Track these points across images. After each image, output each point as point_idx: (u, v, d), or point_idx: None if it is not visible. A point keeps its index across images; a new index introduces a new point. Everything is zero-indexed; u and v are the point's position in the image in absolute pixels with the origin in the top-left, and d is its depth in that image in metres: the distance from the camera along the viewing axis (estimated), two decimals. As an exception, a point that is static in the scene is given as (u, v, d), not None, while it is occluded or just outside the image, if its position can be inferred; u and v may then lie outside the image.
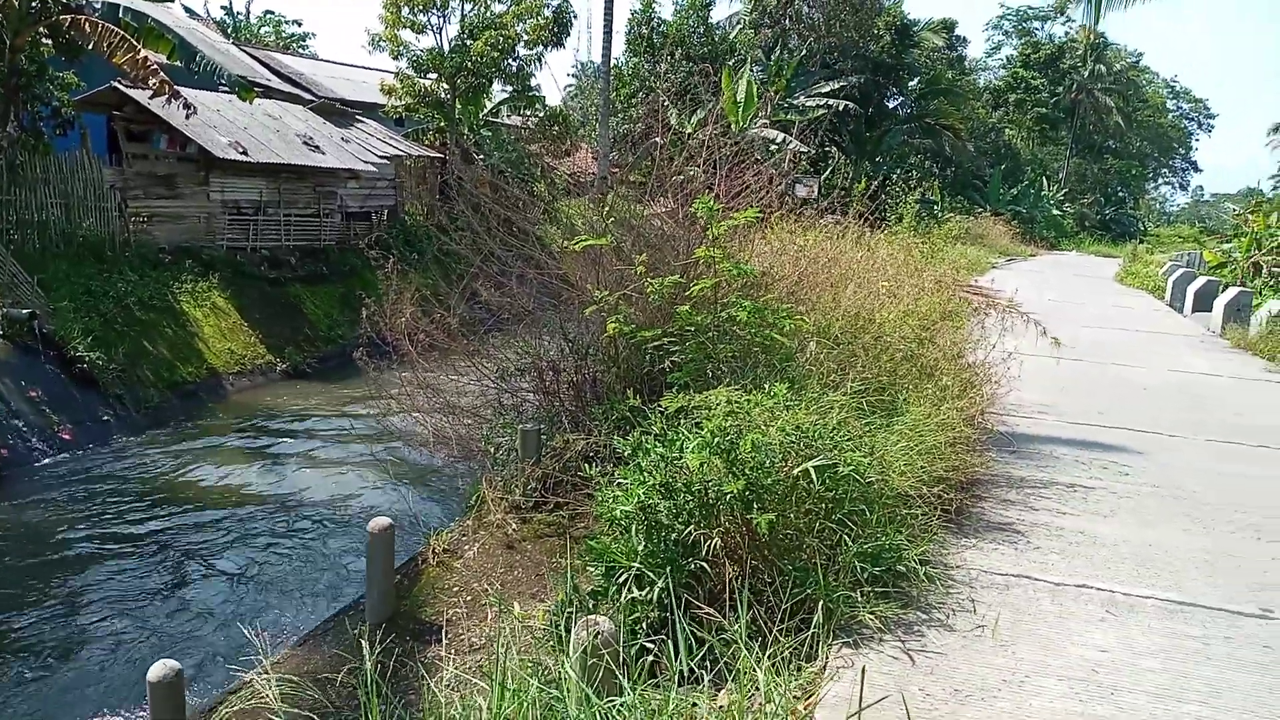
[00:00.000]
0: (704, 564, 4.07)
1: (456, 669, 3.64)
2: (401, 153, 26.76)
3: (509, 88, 30.19)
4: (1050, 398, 9.11)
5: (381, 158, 25.26)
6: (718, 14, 40.77)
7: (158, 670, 4.21)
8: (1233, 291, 16.12)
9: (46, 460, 12.34)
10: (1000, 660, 3.91)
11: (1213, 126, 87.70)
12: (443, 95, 28.37)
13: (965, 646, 4.02)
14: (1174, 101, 77.57)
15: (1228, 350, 13.60)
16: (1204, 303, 17.85)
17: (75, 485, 11.60)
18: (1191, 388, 10.42)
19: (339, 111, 27.19)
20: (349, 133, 25.98)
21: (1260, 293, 17.80)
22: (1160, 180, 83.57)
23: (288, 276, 20.70)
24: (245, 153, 20.26)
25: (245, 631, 7.40)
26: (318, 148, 23.10)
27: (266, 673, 3.50)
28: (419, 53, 28.13)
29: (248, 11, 52.06)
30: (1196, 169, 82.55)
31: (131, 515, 10.68)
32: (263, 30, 52.27)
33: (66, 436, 12.94)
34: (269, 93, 25.73)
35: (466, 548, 6.47)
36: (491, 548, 6.38)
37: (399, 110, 28.95)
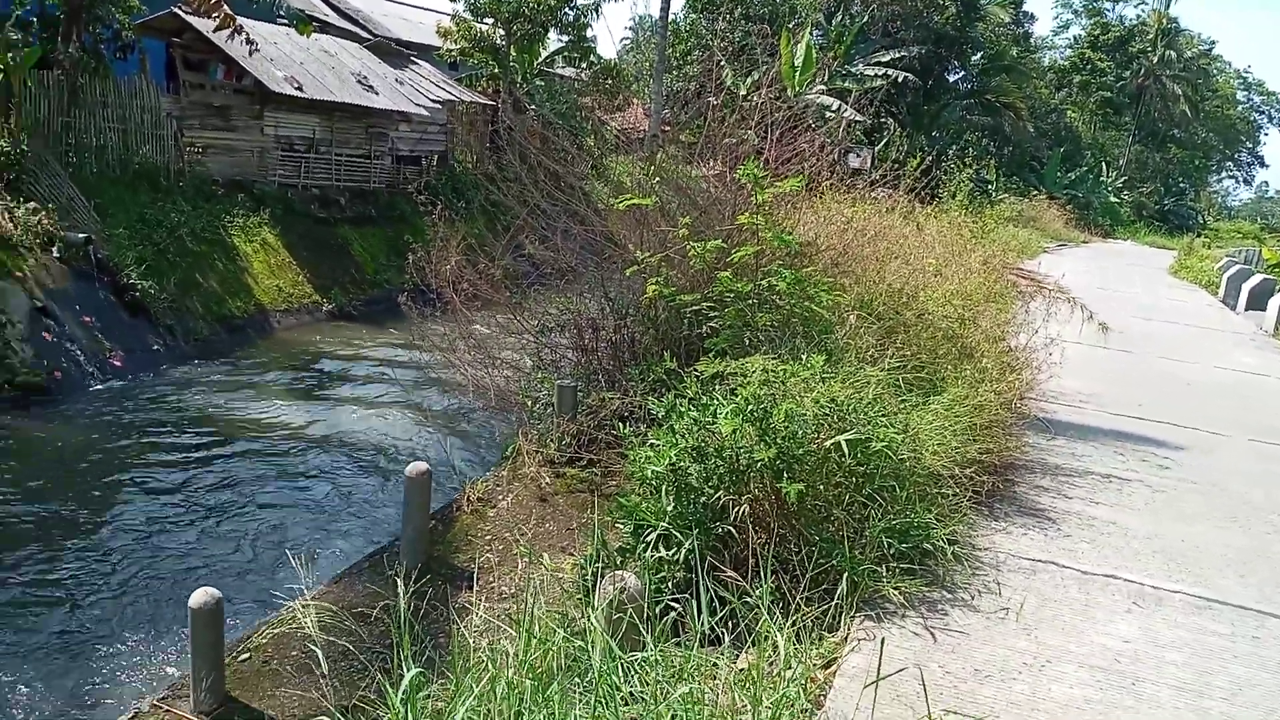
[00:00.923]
0: (731, 529, 4.12)
1: (486, 615, 3.73)
2: (454, 98, 26.72)
3: (564, 37, 29.98)
4: (1093, 387, 9.00)
5: (434, 102, 25.25)
6: (781, -29, 39.93)
7: (199, 597, 4.36)
8: (1290, 290, 15.76)
9: (98, 385, 12.64)
10: (1022, 644, 3.93)
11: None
12: (498, 41, 28.24)
13: (988, 628, 4.04)
14: (1245, 93, 75.10)
15: (1279, 351, 13.32)
16: (1258, 301, 17.45)
17: (125, 411, 11.88)
18: (1238, 386, 10.24)
19: (394, 52, 27.16)
20: (403, 74, 25.97)
21: (1318, 294, 17.35)
22: (1224, 173, 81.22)
23: (337, 217, 20.87)
24: (300, 88, 20.35)
25: (284, 562, 7.63)
26: (371, 88, 23.13)
27: (307, 602, 3.60)
28: (477, -5, 27.97)
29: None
30: (1263, 164, 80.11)
31: (177, 443, 10.95)
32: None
33: (117, 363, 13.23)
34: (325, 28, 25.72)
35: (500, 498, 6.58)
36: (525, 499, 6.48)
37: (454, 54, 28.84)
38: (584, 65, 30.65)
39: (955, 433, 5.43)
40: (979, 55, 43.54)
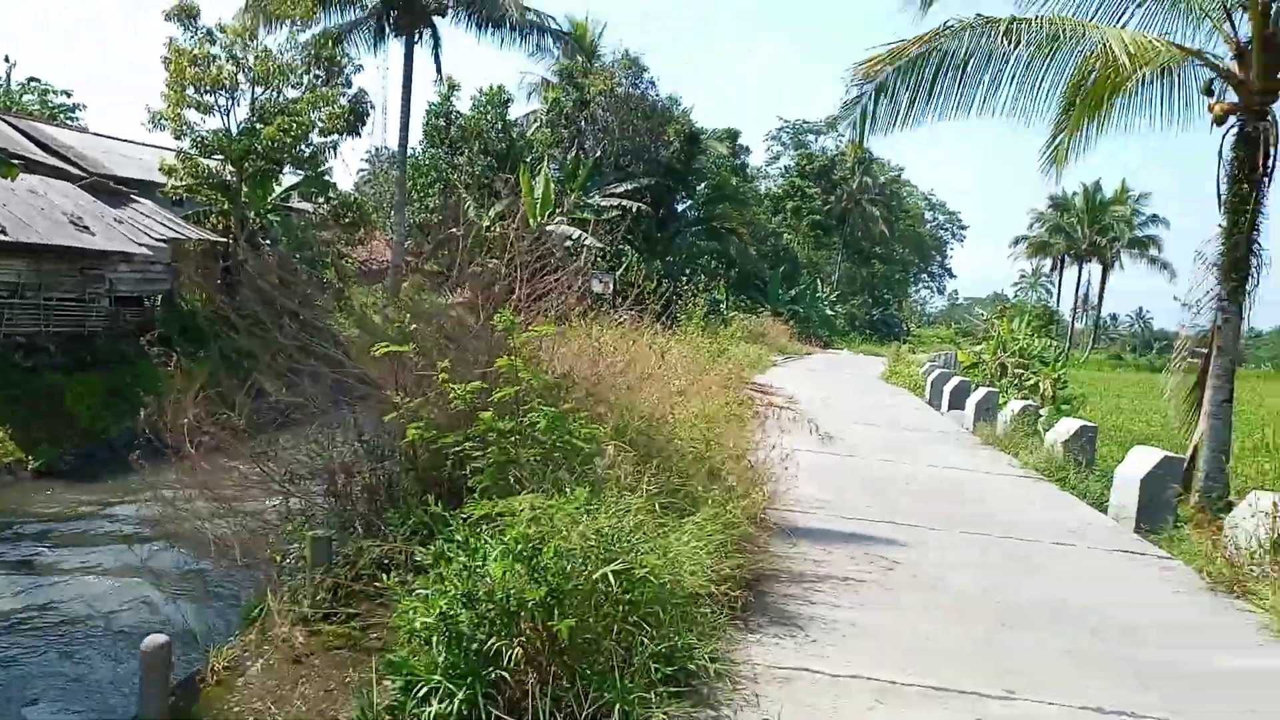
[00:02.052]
0: (505, 673, 4.13)
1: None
2: (180, 235, 25.49)
3: (300, 172, 29.55)
4: (825, 493, 9.76)
5: (158, 240, 23.98)
6: (516, 111, 41.85)
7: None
8: (982, 391, 17.89)
9: None
10: (783, 753, 4.18)
11: (965, 236, 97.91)
12: (228, 178, 27.39)
13: (752, 742, 4.26)
14: (931, 213, 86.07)
15: (979, 446, 15.02)
16: (958, 401, 19.65)
17: None
18: (947, 482, 11.44)
19: (112, 190, 25.67)
20: (122, 213, 24.55)
21: (1005, 392, 19.82)
22: (921, 284, 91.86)
23: (46, 364, 19.08)
24: (2, 231, 18.72)
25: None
26: (87, 228, 21.68)
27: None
28: (204, 133, 27.08)
29: (8, 77, 48.38)
30: (952, 274, 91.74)
31: None
32: (25, 98, 48.66)
33: None
34: (32, 167, 23.91)
35: (249, 664, 6.16)
36: (277, 663, 6.10)
37: (179, 191, 27.62)
38: (322, 200, 30.27)
39: (709, 551, 5.75)
40: (703, 185, 47.24)
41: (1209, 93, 11.03)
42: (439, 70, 34.94)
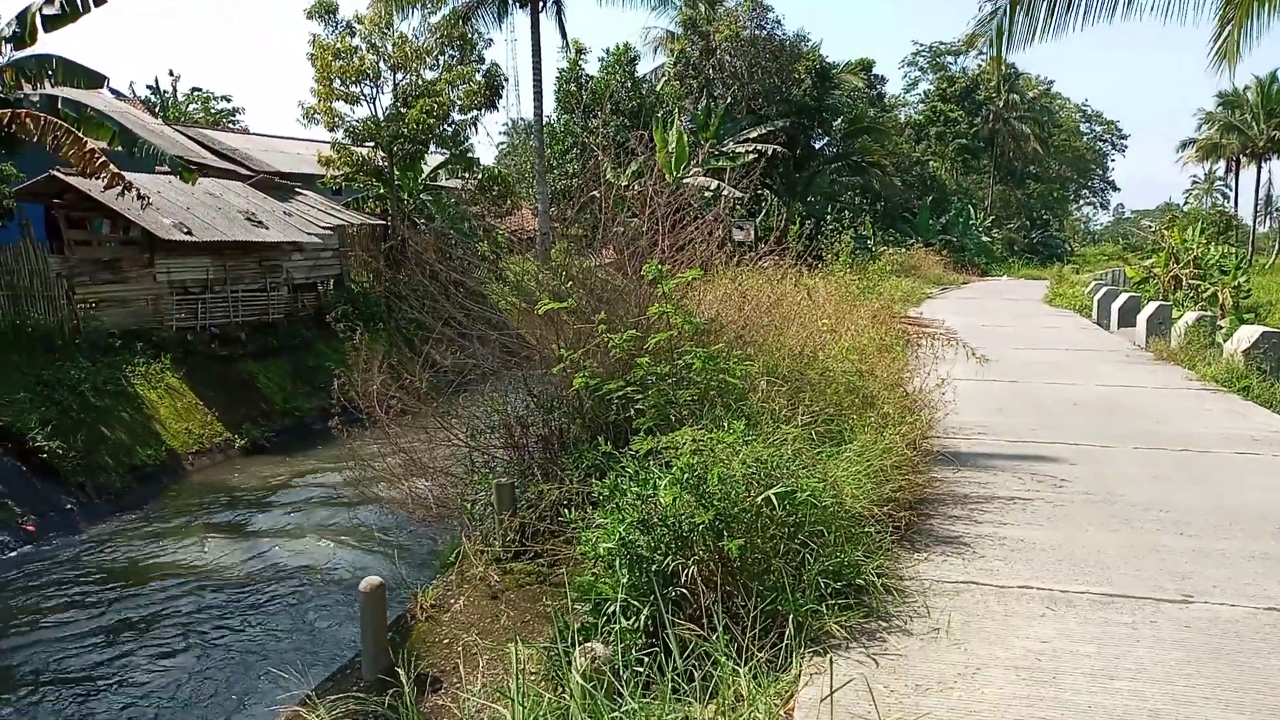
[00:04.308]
0: (684, 590, 4.47)
1: (472, 695, 3.99)
2: (344, 222, 27.04)
3: (445, 151, 30.72)
4: (988, 418, 9.68)
5: (324, 228, 25.52)
6: (643, 68, 41.90)
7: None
8: (1153, 306, 17.02)
9: (12, 553, 12.31)
10: (954, 656, 4.36)
11: (1126, 146, 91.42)
12: (380, 163, 28.79)
13: (923, 647, 4.46)
14: (1087, 125, 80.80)
15: (1151, 363, 14.39)
16: (1128, 318, 18.78)
17: (44, 575, 11.59)
18: (1118, 400, 11.08)
19: (277, 185, 27.44)
20: (289, 205, 26.22)
21: (1180, 305, 18.78)
22: (1082, 201, 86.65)
23: (239, 353, 20.78)
24: (189, 232, 20.41)
25: (245, 694, 7.58)
26: (260, 223, 23.31)
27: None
28: (354, 123, 28.53)
29: (174, 89, 52.04)
30: (1115, 188, 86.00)
31: (105, 600, 10.73)
32: (190, 107, 52.24)
33: (30, 528, 12.92)
34: (205, 170, 25.86)
35: (452, 601, 6.77)
36: (476, 600, 6.69)
37: (337, 180, 29.26)
38: (467, 175, 31.37)
39: (869, 475, 5.93)
40: (840, 120, 46.03)
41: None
42: (564, 36, 35.41)
